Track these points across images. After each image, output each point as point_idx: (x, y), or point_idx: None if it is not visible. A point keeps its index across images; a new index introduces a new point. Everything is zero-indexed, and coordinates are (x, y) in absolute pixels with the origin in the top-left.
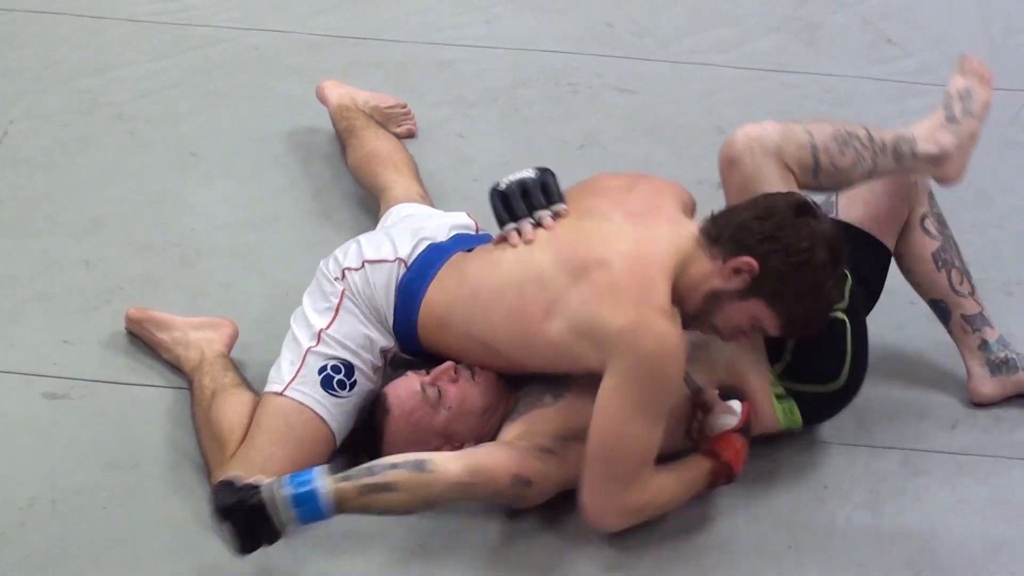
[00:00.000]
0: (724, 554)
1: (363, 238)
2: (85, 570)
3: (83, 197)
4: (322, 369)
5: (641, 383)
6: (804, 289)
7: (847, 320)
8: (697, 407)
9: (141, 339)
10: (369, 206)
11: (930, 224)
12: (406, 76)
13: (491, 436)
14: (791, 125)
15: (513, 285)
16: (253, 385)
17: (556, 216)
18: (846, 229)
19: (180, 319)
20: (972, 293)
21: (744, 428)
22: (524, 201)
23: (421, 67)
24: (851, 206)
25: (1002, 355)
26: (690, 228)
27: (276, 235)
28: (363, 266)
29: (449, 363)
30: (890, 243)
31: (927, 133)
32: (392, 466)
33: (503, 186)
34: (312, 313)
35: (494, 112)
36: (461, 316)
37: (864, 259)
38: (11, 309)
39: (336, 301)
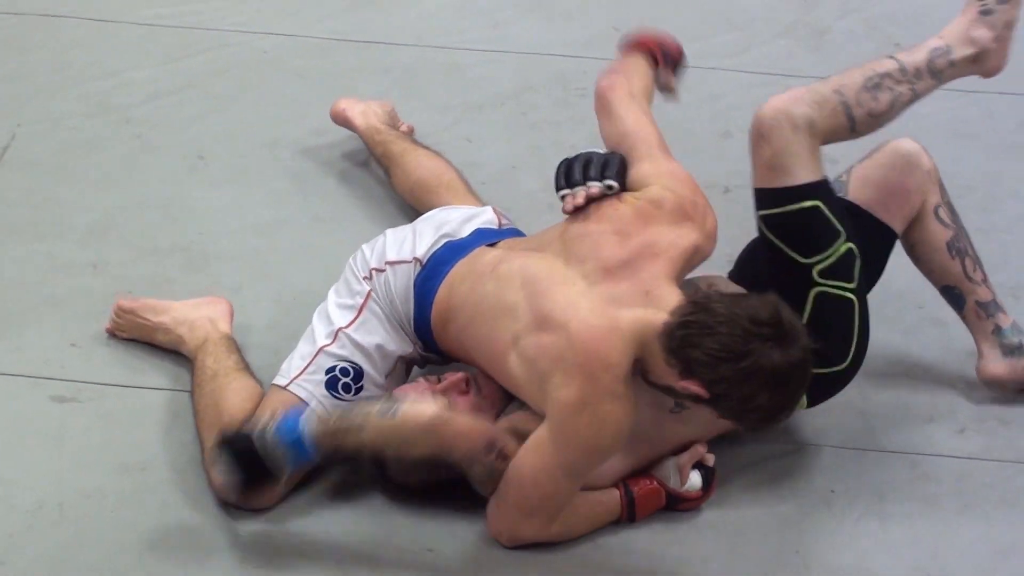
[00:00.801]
0: (731, 559)
1: (390, 232)
2: (93, 573)
3: (91, 201)
4: (331, 369)
5: (571, 449)
6: (750, 411)
7: (855, 300)
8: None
9: (130, 330)
10: (378, 210)
11: (943, 214)
12: (414, 80)
13: None
14: (819, 89)
15: (494, 307)
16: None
17: (608, 190)
18: (852, 209)
19: (175, 302)
20: (985, 281)
21: (672, 500)
22: (582, 173)
23: (429, 71)
24: (862, 188)
25: (1016, 341)
26: (658, 317)
27: (284, 239)
28: (385, 268)
29: (462, 375)
30: (898, 228)
31: (961, 35)
32: (366, 413)
33: (571, 157)
34: (335, 309)
35: (501, 116)
36: (460, 319)
37: (869, 240)
38: (19, 312)
39: (361, 301)
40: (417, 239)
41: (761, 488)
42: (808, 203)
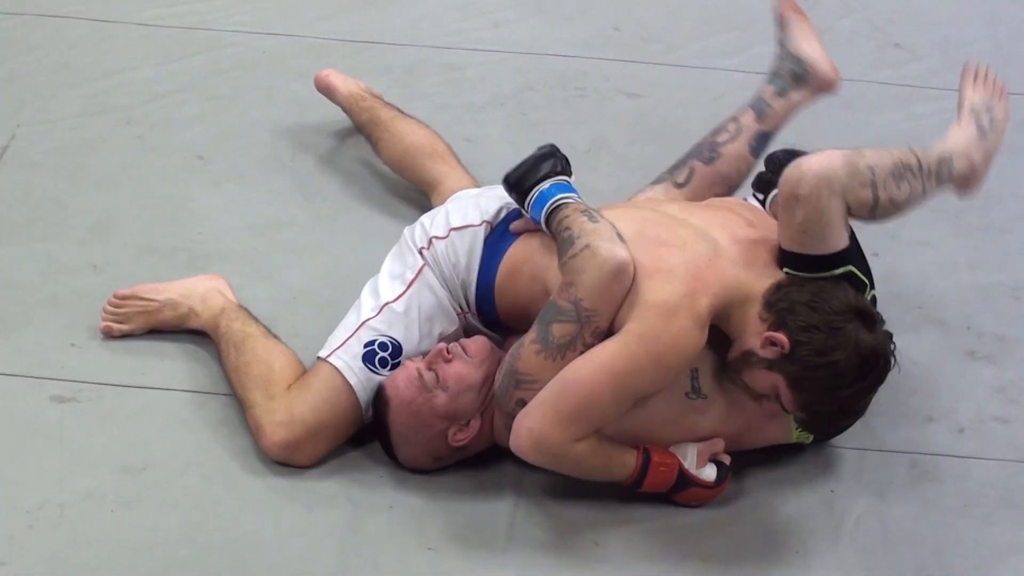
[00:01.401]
0: (732, 559)
1: (451, 206)
2: (93, 574)
3: (91, 201)
4: (370, 343)
5: (640, 354)
6: (824, 389)
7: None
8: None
9: (131, 318)
10: (379, 209)
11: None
12: (413, 80)
13: (491, 405)
14: (855, 159)
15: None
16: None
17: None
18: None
19: (171, 282)
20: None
21: (683, 480)
22: None
23: (428, 71)
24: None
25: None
26: (765, 282)
27: (284, 239)
28: (449, 234)
29: (441, 345)
30: (842, 243)
31: (963, 150)
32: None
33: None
34: (385, 281)
35: (501, 116)
36: (535, 263)
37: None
38: (19, 313)
39: (412, 276)
40: (484, 207)
41: (761, 488)
42: (840, 270)
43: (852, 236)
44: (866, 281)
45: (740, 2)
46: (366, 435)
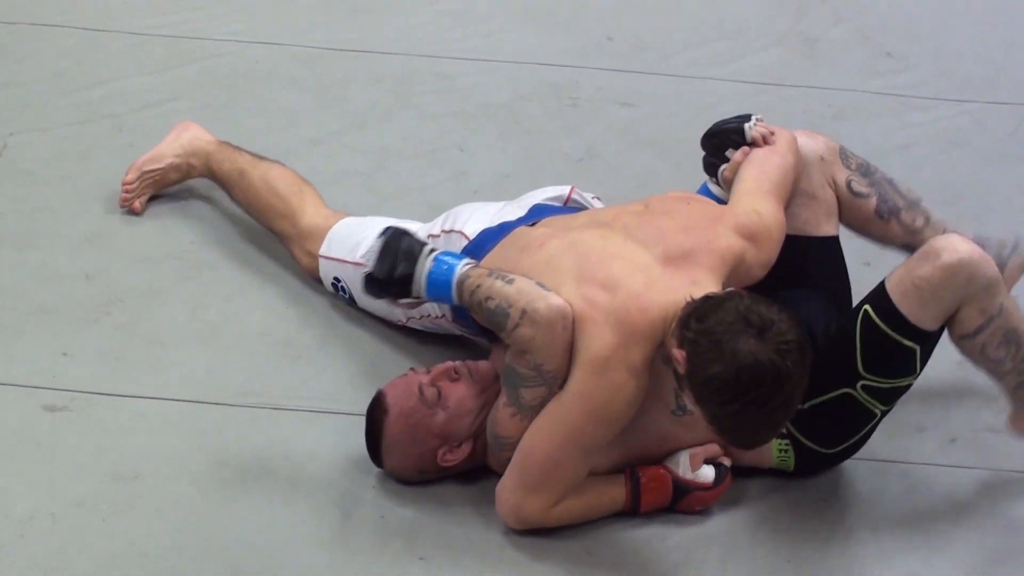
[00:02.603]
0: (722, 568)
1: (470, 204)
2: None
3: (83, 209)
4: (338, 278)
5: (583, 412)
6: (717, 404)
7: (878, 416)
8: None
9: (144, 188)
10: (375, 215)
11: (857, 184)
12: (406, 89)
13: (482, 430)
14: (1002, 287)
15: (541, 271)
16: (255, 408)
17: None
18: (792, 242)
19: (159, 147)
20: (928, 222)
21: (680, 488)
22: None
23: (421, 80)
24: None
25: None
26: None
27: (276, 248)
28: (440, 235)
29: (449, 364)
30: (833, 228)
31: None
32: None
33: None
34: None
35: (494, 125)
36: None
37: (821, 263)
38: (11, 321)
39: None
40: (477, 216)
41: (753, 497)
42: (910, 344)
43: (936, 336)
44: (917, 370)
45: (732, 11)
46: (359, 446)
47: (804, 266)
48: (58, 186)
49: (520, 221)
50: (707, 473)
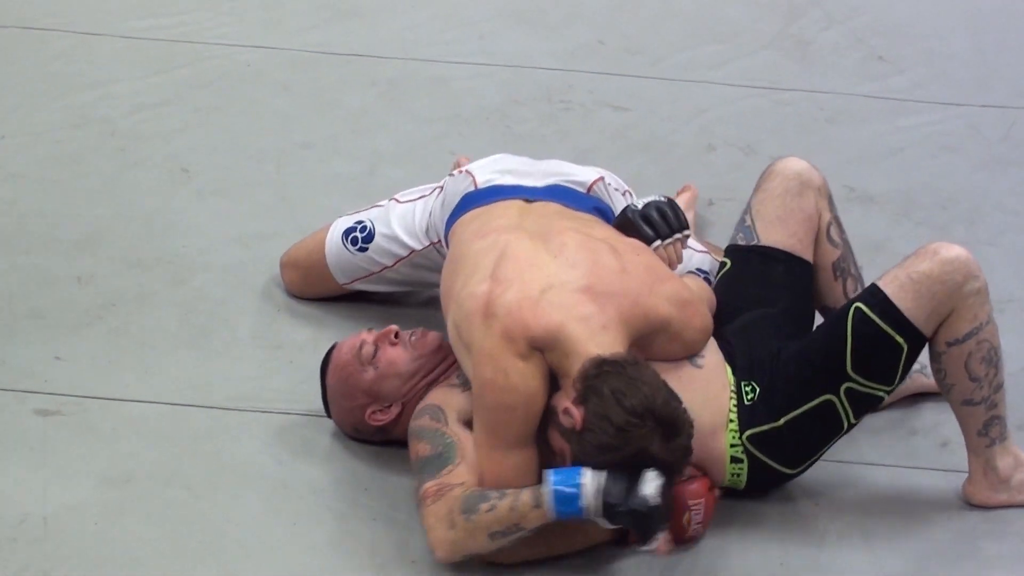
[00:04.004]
0: (714, 571)
1: (492, 157)
2: None
3: (75, 213)
4: (359, 222)
5: (485, 408)
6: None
7: (844, 430)
8: None
9: None
10: None
11: (834, 232)
12: (399, 93)
13: (418, 398)
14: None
15: (469, 262)
16: (247, 411)
17: (685, 240)
18: (769, 253)
19: None
20: None
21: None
22: (663, 221)
23: (413, 84)
24: (769, 229)
25: None
26: (590, 349)
27: (268, 251)
28: (454, 173)
29: (394, 327)
30: (809, 255)
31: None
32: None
33: (639, 206)
34: (416, 186)
35: (487, 129)
36: (451, 249)
37: (794, 281)
38: (2, 325)
39: (428, 192)
40: (497, 165)
41: (744, 501)
42: (900, 340)
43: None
44: (896, 379)
45: (725, 14)
46: (352, 450)
47: (789, 283)
48: (50, 190)
49: (531, 191)
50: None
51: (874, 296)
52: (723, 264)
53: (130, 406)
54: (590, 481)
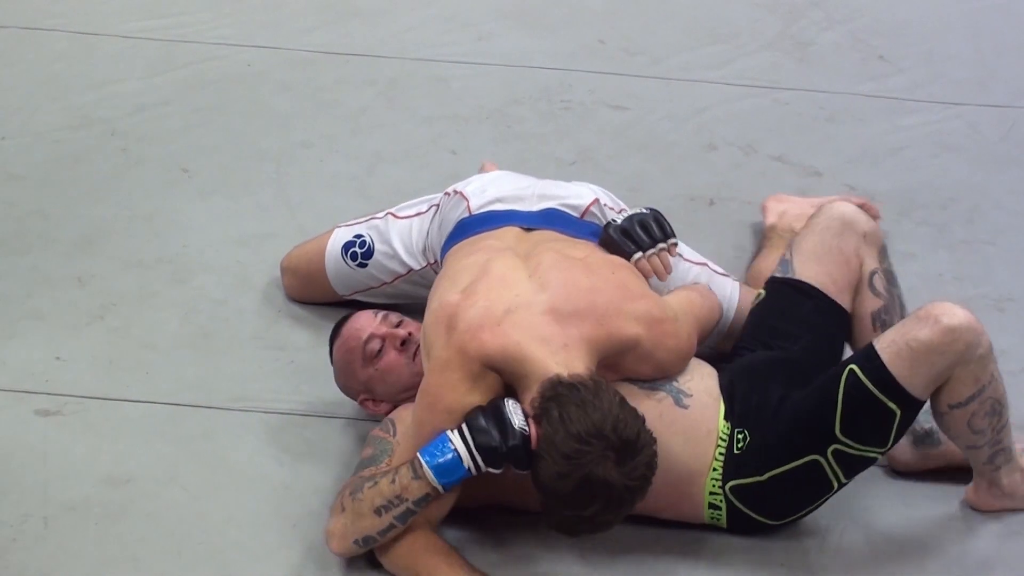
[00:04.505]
0: (715, 571)
1: (487, 175)
2: None
3: (75, 214)
4: (358, 235)
5: (424, 406)
6: (549, 499)
7: (834, 490)
8: None
9: None
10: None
11: (878, 281)
12: (398, 92)
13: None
14: (990, 376)
15: (451, 272)
16: (248, 412)
17: (672, 248)
18: (802, 288)
19: None
20: None
21: None
22: (645, 233)
23: (413, 83)
24: (805, 264)
25: (927, 427)
26: (551, 367)
27: (269, 251)
28: (452, 193)
29: (403, 332)
30: (845, 300)
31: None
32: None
33: (619, 221)
34: (412, 201)
35: (486, 129)
36: (442, 271)
37: (821, 320)
38: (3, 326)
39: (424, 209)
40: (493, 190)
41: None
42: (893, 406)
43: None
44: (890, 442)
45: (725, 15)
46: (352, 449)
47: (815, 321)
48: (50, 190)
49: (526, 217)
50: None
51: (870, 360)
52: (759, 295)
53: (130, 406)
54: (459, 442)
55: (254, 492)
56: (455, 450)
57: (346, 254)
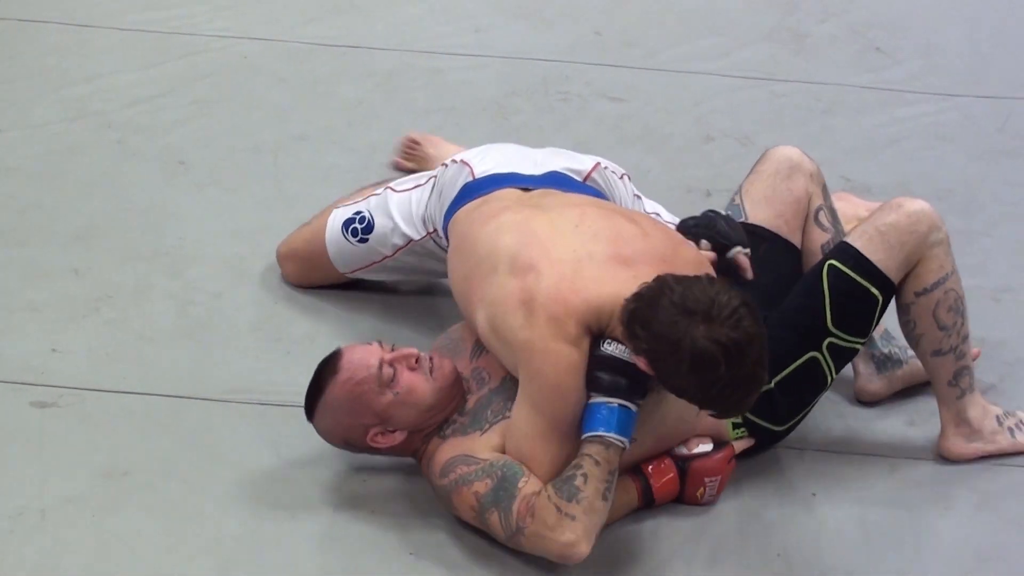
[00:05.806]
0: (713, 561)
1: (484, 147)
2: None
3: (72, 206)
4: (358, 212)
5: (540, 395)
6: (673, 387)
7: (828, 385)
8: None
9: (416, 161)
10: None
11: (823, 217)
12: (396, 85)
13: (424, 431)
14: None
15: (479, 254)
16: (245, 404)
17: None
18: (756, 231)
19: (443, 141)
20: None
21: (683, 467)
22: (735, 233)
23: (410, 75)
24: (756, 208)
25: (886, 351)
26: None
27: (265, 244)
28: (453, 163)
29: (414, 350)
30: (797, 240)
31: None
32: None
33: (701, 218)
34: (411, 176)
35: (484, 121)
36: (455, 241)
37: (779, 262)
38: (0, 318)
39: (423, 181)
40: (494, 156)
41: (743, 491)
42: (875, 291)
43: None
44: (872, 327)
45: (721, 6)
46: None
47: (771, 262)
48: (47, 182)
49: (529, 180)
50: (703, 447)
51: (846, 252)
52: None
53: (127, 398)
54: (609, 400)
55: (251, 484)
56: (616, 407)
57: (347, 231)
